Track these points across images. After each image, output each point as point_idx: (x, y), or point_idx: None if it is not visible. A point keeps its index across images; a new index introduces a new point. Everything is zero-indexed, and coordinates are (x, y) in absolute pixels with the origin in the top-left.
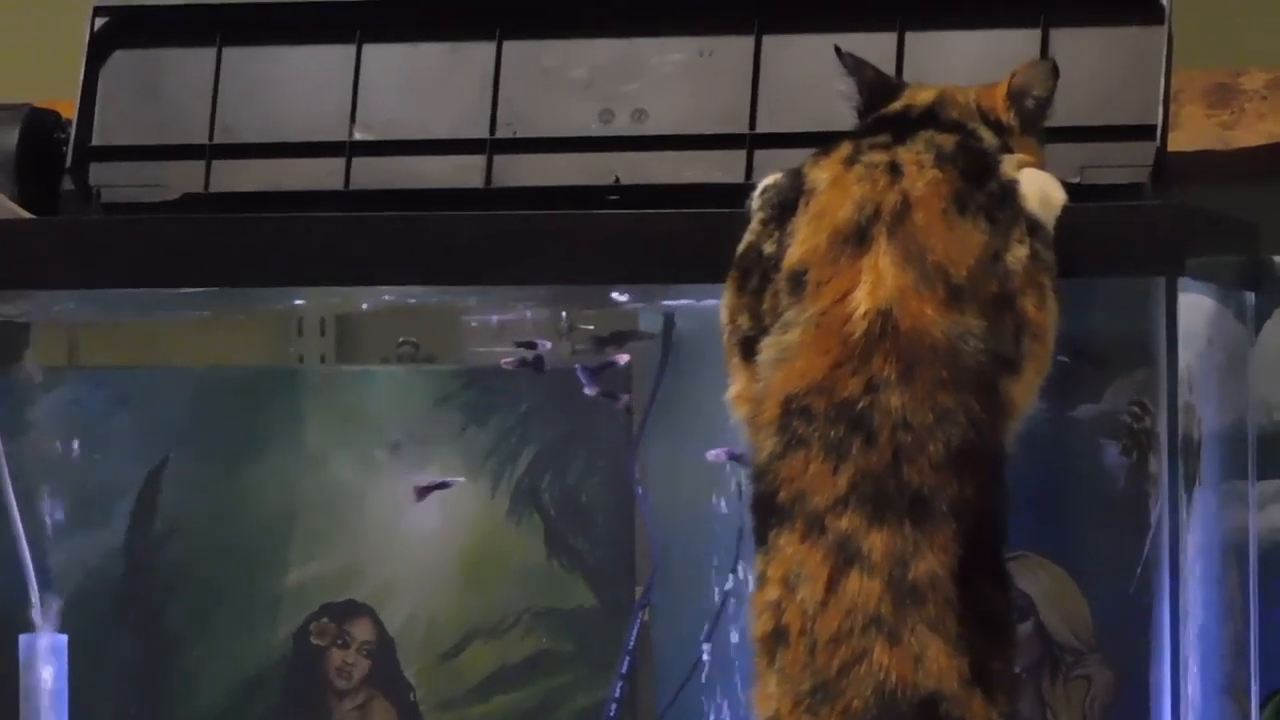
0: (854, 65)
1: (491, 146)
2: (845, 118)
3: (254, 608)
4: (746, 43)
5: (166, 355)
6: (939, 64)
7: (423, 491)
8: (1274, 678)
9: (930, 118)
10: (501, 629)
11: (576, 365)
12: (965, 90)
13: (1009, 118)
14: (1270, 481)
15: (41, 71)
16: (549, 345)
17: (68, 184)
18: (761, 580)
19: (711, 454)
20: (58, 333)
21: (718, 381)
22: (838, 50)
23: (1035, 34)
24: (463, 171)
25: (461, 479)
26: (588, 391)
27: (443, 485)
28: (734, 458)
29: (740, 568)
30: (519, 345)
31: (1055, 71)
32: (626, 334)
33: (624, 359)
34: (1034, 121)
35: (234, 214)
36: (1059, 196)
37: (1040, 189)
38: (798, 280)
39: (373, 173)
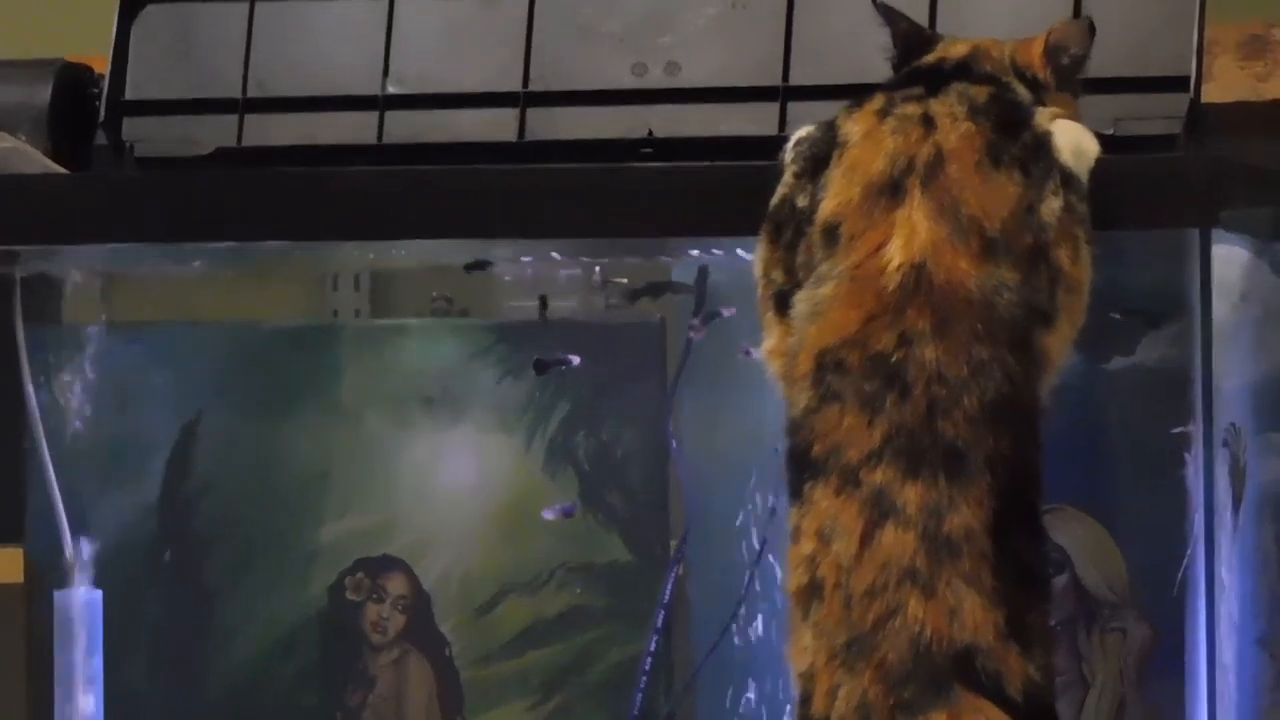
0: (889, 16)
1: (525, 100)
2: (879, 70)
3: (289, 563)
4: None
5: (200, 310)
6: (973, 17)
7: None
8: None
9: (964, 70)
10: (536, 584)
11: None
12: (1000, 44)
13: (1045, 74)
14: None
15: (74, 26)
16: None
17: (101, 139)
18: (796, 534)
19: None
20: (91, 288)
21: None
22: (874, 1)
23: None
24: (496, 125)
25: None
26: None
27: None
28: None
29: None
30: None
31: (1092, 30)
32: (659, 286)
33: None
34: (1069, 77)
35: (267, 168)
36: (1093, 148)
37: (1074, 141)
38: (831, 233)
39: (406, 126)
